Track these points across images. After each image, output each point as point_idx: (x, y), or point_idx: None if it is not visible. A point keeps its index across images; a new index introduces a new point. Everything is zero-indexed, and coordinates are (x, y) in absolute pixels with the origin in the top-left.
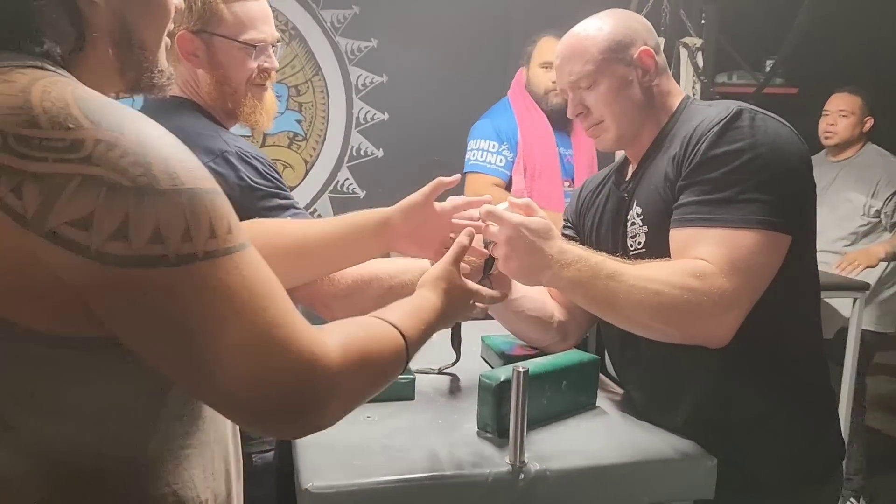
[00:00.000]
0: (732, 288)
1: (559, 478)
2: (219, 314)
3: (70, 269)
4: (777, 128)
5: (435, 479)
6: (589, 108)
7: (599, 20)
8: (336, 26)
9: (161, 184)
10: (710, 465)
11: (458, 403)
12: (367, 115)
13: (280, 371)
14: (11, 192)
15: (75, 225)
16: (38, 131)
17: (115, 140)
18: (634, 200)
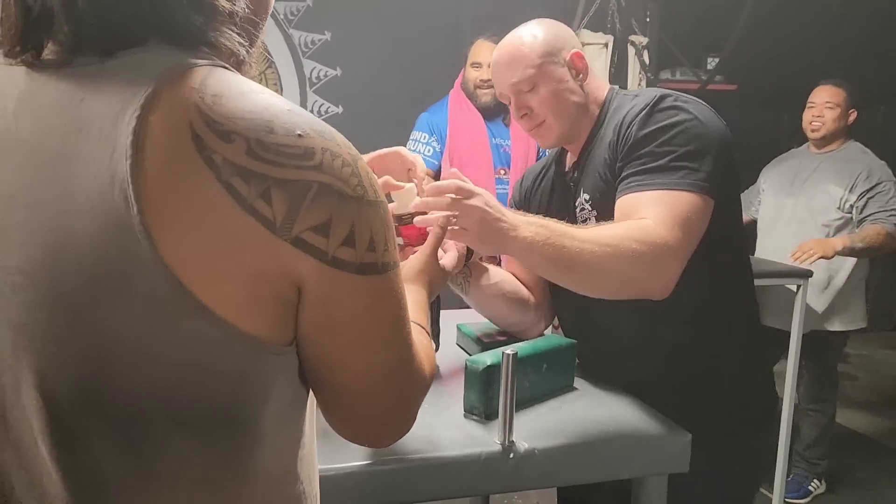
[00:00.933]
0: (672, 241)
1: (546, 456)
2: (400, 321)
3: (310, 276)
4: (698, 106)
5: (431, 459)
6: (532, 110)
7: (531, 28)
8: (289, 19)
9: (369, 195)
10: (685, 440)
11: (442, 388)
12: (321, 108)
13: (413, 394)
14: (260, 197)
15: (316, 231)
16: (275, 137)
17: (336, 149)
18: (581, 188)
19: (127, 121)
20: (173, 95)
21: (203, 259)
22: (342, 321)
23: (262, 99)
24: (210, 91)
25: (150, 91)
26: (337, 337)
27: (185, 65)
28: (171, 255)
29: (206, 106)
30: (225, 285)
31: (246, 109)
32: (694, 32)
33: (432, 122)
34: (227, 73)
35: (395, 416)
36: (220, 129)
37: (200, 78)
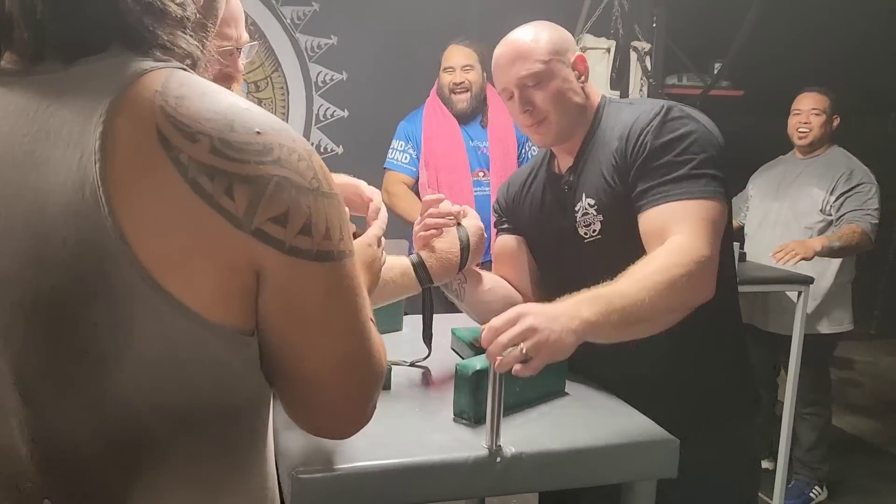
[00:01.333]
0: (707, 250)
1: (534, 460)
2: (358, 308)
3: (270, 265)
4: (701, 117)
5: (417, 462)
6: (536, 106)
7: (537, 28)
8: (296, 23)
9: (324, 187)
10: (673, 446)
11: (433, 392)
12: (326, 111)
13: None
14: (224, 193)
15: (275, 221)
16: (236, 135)
17: (292, 145)
18: (582, 192)
19: (94, 125)
20: (138, 99)
21: (175, 256)
22: (302, 308)
23: (223, 99)
24: (173, 93)
25: (115, 95)
26: (297, 325)
27: (146, 68)
28: (144, 254)
29: (170, 108)
30: (197, 280)
31: (209, 110)
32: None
33: (408, 130)
34: (186, 74)
35: (356, 408)
36: (185, 130)
37: (162, 80)
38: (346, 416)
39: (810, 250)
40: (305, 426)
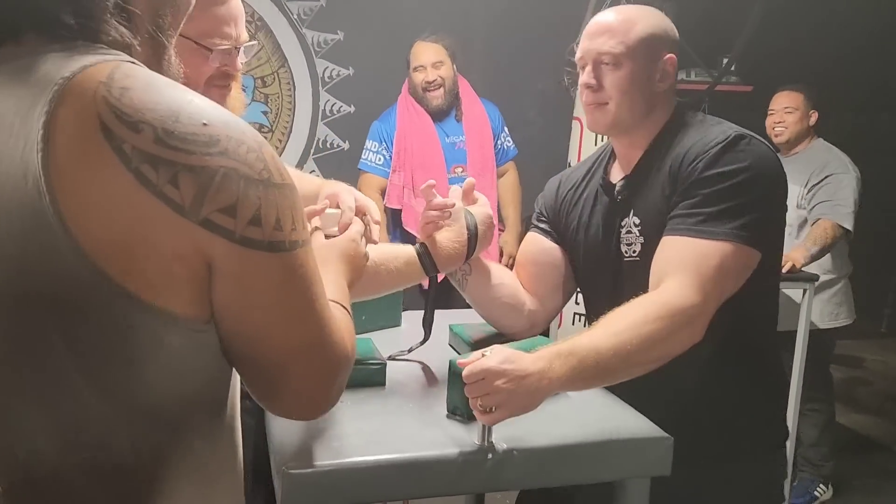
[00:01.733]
0: (696, 300)
1: (525, 457)
2: (313, 296)
3: (220, 255)
4: (767, 153)
5: (408, 459)
6: (602, 85)
7: (643, 13)
8: (303, 18)
9: (275, 178)
10: (667, 443)
11: (428, 389)
12: (333, 107)
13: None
14: (169, 183)
15: (224, 212)
16: (181, 126)
17: (240, 136)
18: (632, 209)
19: (37, 115)
20: (81, 89)
21: (119, 244)
22: (256, 297)
23: (169, 91)
24: (118, 84)
25: (58, 87)
26: (252, 312)
27: (92, 61)
28: (87, 243)
29: (114, 98)
30: (142, 268)
31: (153, 101)
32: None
33: (381, 130)
34: (135, 66)
35: (317, 392)
36: (128, 120)
37: (108, 72)
38: (308, 399)
39: (799, 260)
40: (269, 408)
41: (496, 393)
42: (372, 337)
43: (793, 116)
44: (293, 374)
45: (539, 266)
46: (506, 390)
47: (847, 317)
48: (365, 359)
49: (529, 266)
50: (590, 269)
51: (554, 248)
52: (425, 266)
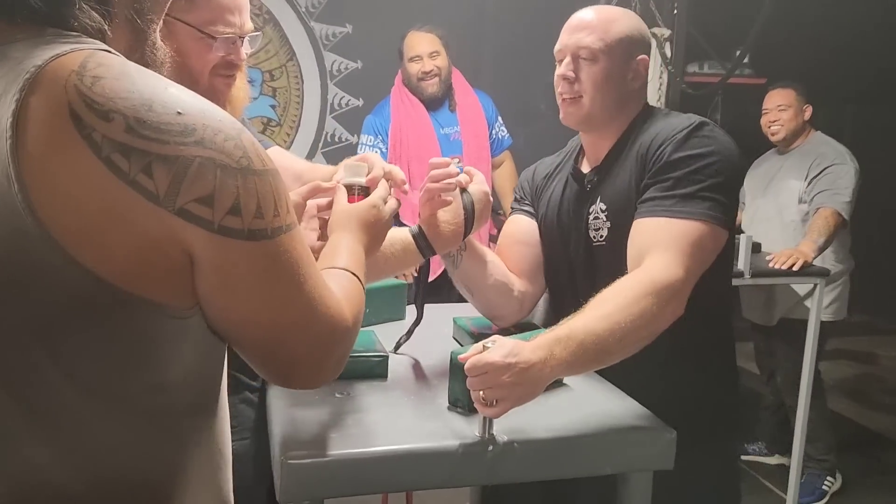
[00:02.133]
0: (679, 276)
1: (526, 449)
2: (300, 279)
3: (197, 243)
4: (728, 141)
5: (408, 450)
6: (578, 78)
7: (621, 14)
8: (311, 11)
9: (255, 165)
10: (670, 437)
11: (430, 381)
12: (341, 100)
13: (329, 343)
14: (142, 172)
15: (200, 202)
16: (154, 115)
17: (217, 125)
18: (598, 196)
19: (7, 104)
20: (53, 78)
21: (90, 232)
22: (239, 284)
23: (143, 79)
24: (90, 73)
25: (29, 75)
26: (237, 299)
27: (66, 50)
28: (57, 230)
29: (84, 87)
30: (115, 255)
31: (125, 89)
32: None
33: (376, 124)
34: (109, 55)
35: (312, 365)
36: (98, 109)
37: (80, 61)
38: (306, 371)
39: (809, 255)
40: (268, 379)
41: (500, 387)
42: (375, 330)
43: (787, 114)
44: (285, 351)
45: (524, 245)
46: (509, 383)
47: (840, 313)
48: (367, 351)
49: (515, 246)
50: (557, 252)
51: (536, 227)
52: (422, 249)
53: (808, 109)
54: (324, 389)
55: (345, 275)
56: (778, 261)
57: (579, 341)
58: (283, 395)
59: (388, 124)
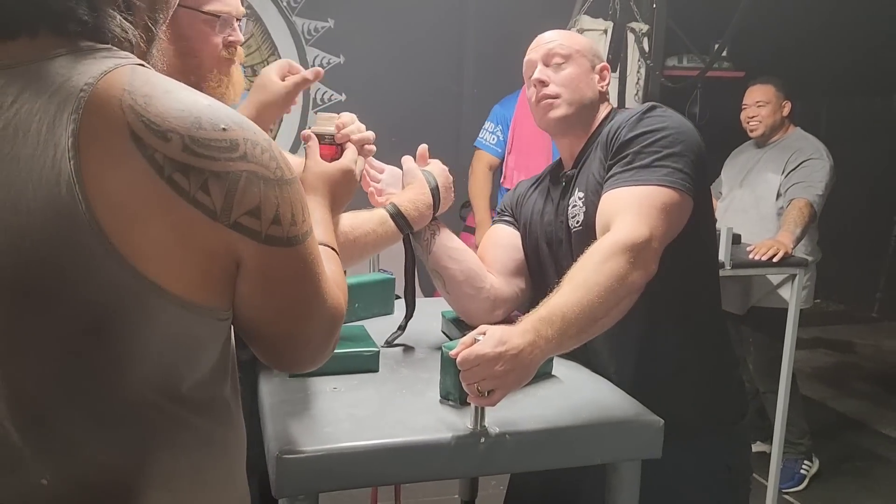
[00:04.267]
0: (648, 232)
1: (517, 441)
2: (320, 276)
3: (247, 253)
4: (680, 117)
5: (401, 443)
6: (552, 81)
7: (578, 34)
8: (292, 6)
9: (286, 175)
10: (658, 426)
11: (421, 375)
12: (324, 95)
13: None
14: (200, 189)
15: (251, 215)
16: (204, 132)
17: (254, 138)
18: (576, 187)
19: (65, 123)
20: (107, 97)
21: (154, 246)
22: (276, 286)
23: (186, 97)
24: (140, 92)
25: (84, 94)
26: (271, 300)
27: (110, 66)
28: (123, 246)
29: (140, 107)
30: (178, 267)
31: (176, 108)
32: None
33: (500, 113)
34: (147, 71)
35: (318, 348)
36: (157, 129)
37: (128, 79)
38: (310, 356)
39: (789, 246)
40: (273, 366)
41: (493, 377)
42: (365, 325)
43: (765, 109)
44: (298, 339)
45: (501, 248)
46: (502, 372)
47: (809, 301)
48: (358, 346)
49: (491, 248)
50: (542, 250)
51: (516, 235)
52: (399, 225)
53: (787, 105)
54: (316, 384)
55: (327, 252)
56: (759, 252)
57: (561, 315)
58: (277, 390)
59: (511, 116)
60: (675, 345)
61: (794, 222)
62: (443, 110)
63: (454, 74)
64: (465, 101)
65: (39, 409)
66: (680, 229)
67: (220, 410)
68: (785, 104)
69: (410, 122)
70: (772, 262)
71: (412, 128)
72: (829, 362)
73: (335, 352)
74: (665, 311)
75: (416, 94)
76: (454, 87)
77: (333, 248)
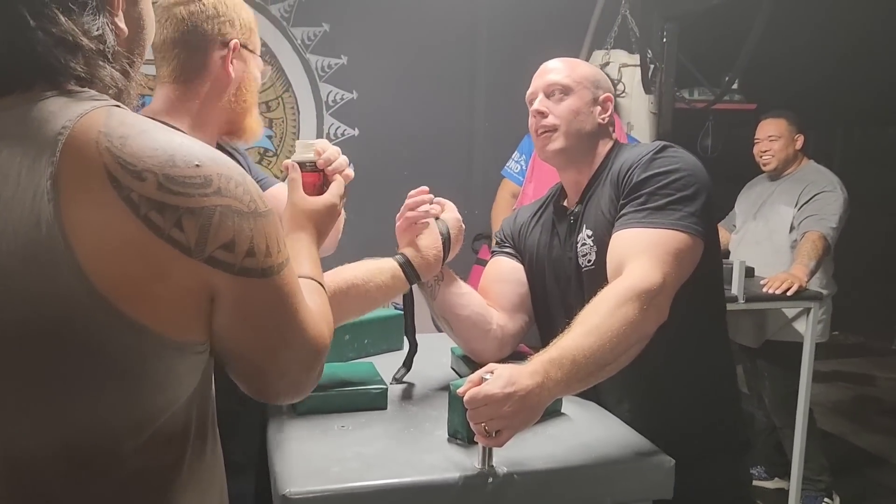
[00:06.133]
0: (659, 278)
1: (526, 481)
2: (296, 306)
3: (221, 286)
4: (692, 160)
5: (408, 484)
6: (552, 112)
7: (584, 62)
8: (306, 43)
9: (260, 207)
10: (669, 466)
11: (429, 412)
12: (337, 130)
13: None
14: (175, 226)
15: (224, 248)
16: (178, 170)
17: (228, 172)
18: (584, 224)
19: (44, 166)
20: (84, 140)
21: (132, 284)
22: (252, 318)
23: (160, 136)
24: (116, 133)
25: (61, 136)
26: (247, 332)
27: (87, 109)
28: (103, 285)
29: (116, 148)
30: (155, 304)
31: (150, 147)
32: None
33: (526, 143)
34: (123, 112)
35: (298, 380)
36: (132, 169)
37: (103, 120)
38: (291, 386)
39: (803, 279)
40: (256, 397)
41: (501, 417)
42: (374, 361)
43: (778, 143)
44: (275, 370)
45: (505, 283)
46: (510, 413)
47: (825, 335)
48: (367, 383)
49: (495, 284)
50: (550, 288)
51: (520, 268)
52: (409, 276)
53: (800, 138)
54: (324, 421)
55: (312, 285)
56: (772, 285)
57: (571, 358)
58: (284, 428)
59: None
60: (683, 383)
61: (808, 255)
62: (455, 144)
63: (466, 108)
64: (476, 134)
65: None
66: (691, 272)
67: (192, 443)
68: (797, 137)
69: (423, 155)
70: (786, 295)
71: (424, 161)
72: (848, 396)
73: (343, 389)
74: (674, 349)
75: (429, 129)
76: (466, 120)
77: (320, 282)
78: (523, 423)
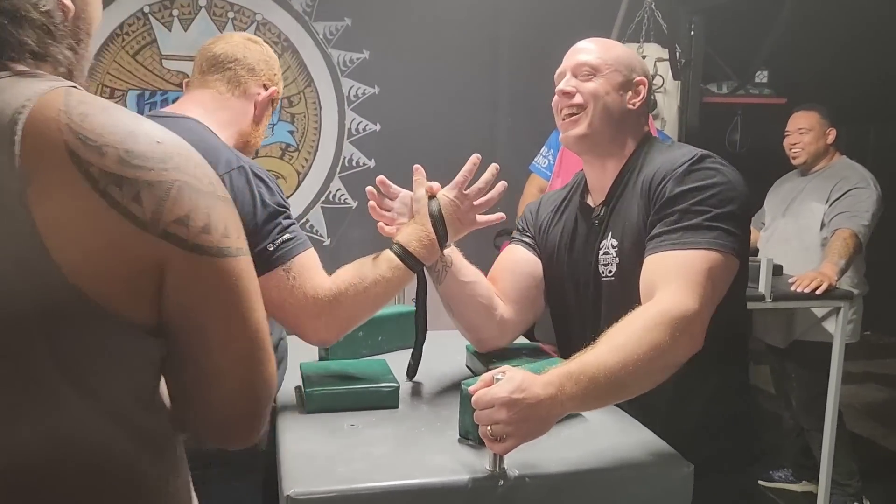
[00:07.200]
0: (694, 304)
1: (537, 484)
2: (253, 303)
3: (173, 262)
4: (731, 172)
5: (416, 486)
6: (579, 91)
7: (619, 44)
8: (328, 38)
9: (219, 191)
10: (687, 471)
11: (441, 412)
12: (359, 125)
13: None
14: (133, 200)
15: (178, 222)
16: (139, 145)
17: (188, 153)
18: (609, 231)
19: (7, 143)
20: (44, 118)
21: (93, 263)
22: (202, 300)
23: (121, 114)
24: (76, 111)
25: (21, 115)
26: (197, 315)
27: (43, 88)
28: (65, 263)
29: (76, 125)
30: (113, 283)
31: (111, 123)
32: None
33: (554, 138)
34: (82, 92)
35: (247, 413)
36: (92, 144)
37: (62, 100)
38: (232, 423)
39: (833, 278)
40: (203, 430)
41: (506, 423)
42: (388, 358)
43: (808, 136)
44: (213, 366)
45: (515, 274)
46: (516, 419)
47: (855, 335)
48: (378, 380)
49: (507, 274)
50: (566, 287)
51: (535, 261)
52: (408, 264)
53: (832, 132)
54: (334, 420)
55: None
56: (801, 284)
57: (591, 376)
58: (292, 426)
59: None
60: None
61: (839, 253)
62: (477, 139)
63: (488, 103)
64: (498, 129)
65: None
66: (725, 291)
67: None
68: (829, 131)
69: (444, 150)
70: (815, 294)
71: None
72: (880, 398)
73: (354, 387)
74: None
75: (451, 124)
76: (488, 115)
77: None
78: (530, 433)
